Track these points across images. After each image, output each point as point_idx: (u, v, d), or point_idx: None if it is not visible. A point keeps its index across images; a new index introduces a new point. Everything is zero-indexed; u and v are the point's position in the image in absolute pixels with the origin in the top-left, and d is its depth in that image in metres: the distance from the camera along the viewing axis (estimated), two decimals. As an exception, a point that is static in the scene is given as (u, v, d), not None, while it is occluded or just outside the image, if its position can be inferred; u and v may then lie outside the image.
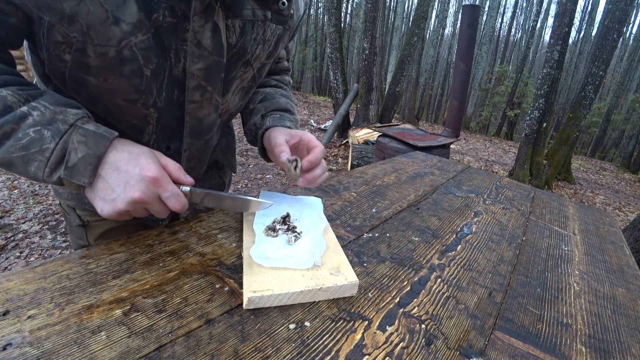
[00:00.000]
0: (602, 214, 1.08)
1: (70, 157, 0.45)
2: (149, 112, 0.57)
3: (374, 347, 0.41)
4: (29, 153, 0.45)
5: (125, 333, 0.37)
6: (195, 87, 0.56)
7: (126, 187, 0.47)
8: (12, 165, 0.46)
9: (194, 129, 0.62)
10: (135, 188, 0.47)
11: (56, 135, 0.45)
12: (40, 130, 0.45)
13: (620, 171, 10.93)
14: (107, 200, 0.47)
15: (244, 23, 0.57)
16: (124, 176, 0.47)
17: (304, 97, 13.84)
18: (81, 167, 0.46)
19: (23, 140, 0.44)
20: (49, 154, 0.45)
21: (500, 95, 16.39)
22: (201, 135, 0.64)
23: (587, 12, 21.08)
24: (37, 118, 0.46)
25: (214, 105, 0.61)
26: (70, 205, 0.71)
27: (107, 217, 0.48)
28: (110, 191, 0.47)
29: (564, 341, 0.49)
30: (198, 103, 0.58)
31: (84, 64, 0.50)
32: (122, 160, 0.48)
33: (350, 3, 21.12)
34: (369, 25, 6.29)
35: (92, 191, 0.48)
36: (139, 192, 0.47)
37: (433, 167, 1.24)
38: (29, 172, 0.46)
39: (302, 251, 0.53)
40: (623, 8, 5.78)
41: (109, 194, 0.47)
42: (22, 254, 2.32)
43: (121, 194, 0.47)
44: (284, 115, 0.74)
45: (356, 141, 5.40)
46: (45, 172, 0.46)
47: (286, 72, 0.88)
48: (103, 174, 0.48)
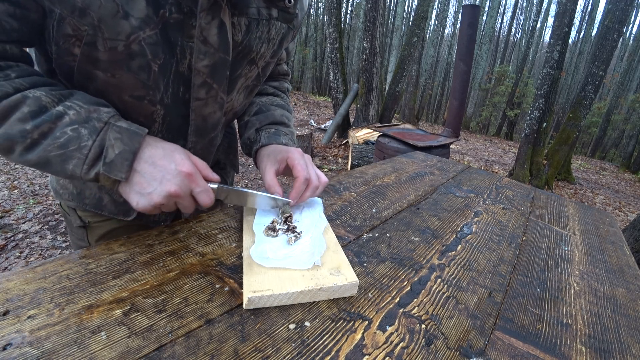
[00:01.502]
0: (602, 214, 1.08)
1: (107, 153, 0.47)
2: (155, 110, 0.57)
3: (374, 347, 0.41)
4: (67, 151, 0.46)
5: (125, 333, 0.37)
6: (201, 85, 0.56)
7: (162, 181, 0.49)
8: (48, 164, 0.47)
9: (198, 127, 0.62)
10: (172, 182, 0.49)
11: (93, 133, 0.47)
12: (77, 129, 0.46)
13: (620, 171, 10.93)
14: (143, 194, 0.49)
15: (250, 21, 0.57)
16: (160, 171, 0.49)
17: (304, 97, 13.83)
18: (118, 162, 0.47)
19: (61, 138, 0.46)
20: (87, 151, 0.46)
21: (500, 95, 16.39)
22: (206, 134, 0.64)
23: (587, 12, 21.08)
24: (74, 117, 0.47)
25: (219, 103, 0.61)
26: (71, 206, 0.71)
27: (142, 210, 0.49)
28: (147, 185, 0.49)
29: (564, 341, 0.49)
30: (203, 100, 0.58)
31: (94, 58, 0.50)
32: (157, 155, 0.50)
33: (350, 3, 21.12)
34: (369, 25, 6.29)
35: (128, 186, 0.49)
36: (175, 186, 0.49)
37: (433, 167, 1.24)
38: (66, 170, 0.47)
39: (302, 251, 0.53)
40: (623, 8, 5.78)
41: (145, 188, 0.49)
42: (22, 254, 2.32)
43: (157, 187, 0.48)
44: (279, 129, 0.74)
45: (356, 141, 5.40)
46: (84, 169, 0.47)
47: (285, 77, 0.88)
48: (139, 169, 0.49)
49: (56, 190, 0.72)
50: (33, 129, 0.45)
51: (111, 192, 0.67)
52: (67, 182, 0.69)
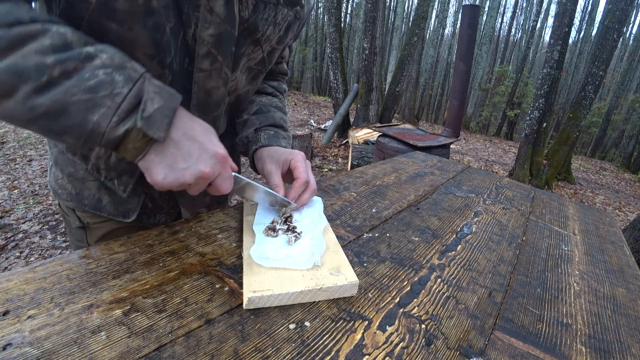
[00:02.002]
0: (602, 214, 1.08)
1: (146, 106, 0.42)
2: (163, 73, 0.54)
3: (374, 347, 0.41)
4: (96, 97, 0.39)
5: (125, 333, 0.37)
6: (205, 55, 0.54)
7: (199, 158, 0.46)
8: (64, 113, 0.39)
9: (201, 102, 0.59)
10: (207, 163, 0.46)
11: (129, 81, 0.41)
12: (111, 73, 0.40)
13: (620, 171, 10.93)
14: (174, 168, 0.45)
15: (257, 2, 0.57)
16: (199, 148, 0.46)
17: (304, 97, 13.83)
18: (158, 118, 0.42)
19: (90, 81, 0.39)
20: (120, 100, 0.40)
21: (500, 95, 16.39)
22: (209, 111, 0.61)
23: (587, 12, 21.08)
24: (107, 60, 0.41)
25: (224, 79, 0.59)
26: (70, 206, 0.70)
27: (166, 186, 0.45)
28: (181, 160, 0.45)
29: (564, 341, 0.49)
30: (207, 72, 0.56)
31: (110, 8, 0.45)
32: (196, 130, 0.47)
33: (350, 3, 21.12)
34: (369, 25, 6.29)
35: (158, 155, 0.44)
36: (209, 168, 0.46)
37: (433, 167, 1.24)
38: (88, 122, 0.40)
39: (302, 251, 0.53)
40: (623, 8, 5.78)
41: (178, 162, 0.45)
42: (22, 254, 2.32)
43: (192, 165, 0.45)
44: (278, 132, 0.74)
45: (356, 141, 5.40)
46: (112, 121, 0.40)
47: (284, 77, 0.88)
48: (176, 138, 0.45)
49: (55, 190, 0.70)
50: (55, 64, 0.38)
51: (112, 189, 0.66)
52: (66, 181, 0.67)
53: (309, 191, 0.65)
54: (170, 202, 0.74)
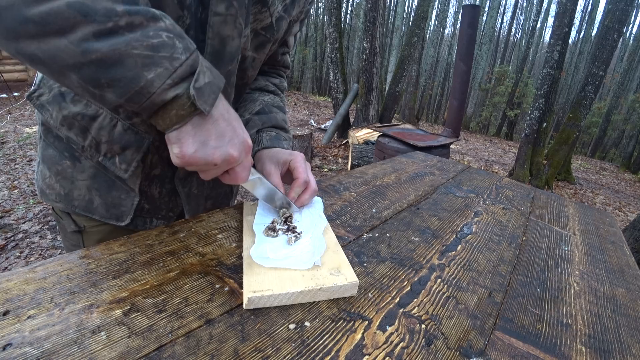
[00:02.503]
0: (602, 214, 1.08)
1: (199, 77, 0.42)
2: (182, 15, 0.52)
3: (374, 347, 0.41)
4: (156, 55, 0.39)
5: (125, 333, 0.37)
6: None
7: (231, 141, 0.47)
8: (119, 63, 0.38)
9: (215, 50, 0.57)
10: (237, 147, 0.47)
11: (187, 50, 0.42)
12: (173, 39, 0.41)
13: (620, 171, 10.93)
14: (207, 145, 0.45)
15: None
16: (232, 131, 0.47)
17: (304, 97, 13.83)
18: (207, 92, 0.43)
19: (154, 39, 0.39)
20: (177, 65, 0.40)
21: (500, 96, 16.39)
22: (222, 62, 0.59)
23: (587, 12, 21.08)
24: (170, 26, 0.41)
25: (238, 29, 0.57)
26: (60, 208, 0.66)
27: (192, 161, 0.45)
28: (215, 138, 0.46)
29: (564, 341, 0.49)
30: (222, 17, 0.54)
31: None
32: (232, 114, 0.48)
33: (351, 3, 21.12)
34: (369, 26, 6.30)
35: (195, 128, 0.44)
36: (237, 152, 0.47)
37: (433, 167, 1.24)
38: (140, 79, 0.39)
39: (302, 251, 0.53)
40: (623, 8, 5.78)
41: (211, 140, 0.45)
42: (22, 254, 2.32)
43: (224, 146, 0.46)
44: (279, 133, 0.74)
45: (356, 141, 5.40)
46: (166, 83, 0.40)
47: (286, 70, 0.88)
48: (215, 116, 0.45)
49: (42, 190, 0.66)
50: (124, 13, 0.37)
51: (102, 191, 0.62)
52: (54, 181, 0.64)
53: (309, 191, 0.65)
54: (170, 204, 0.71)
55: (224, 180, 0.53)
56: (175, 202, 0.72)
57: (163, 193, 0.69)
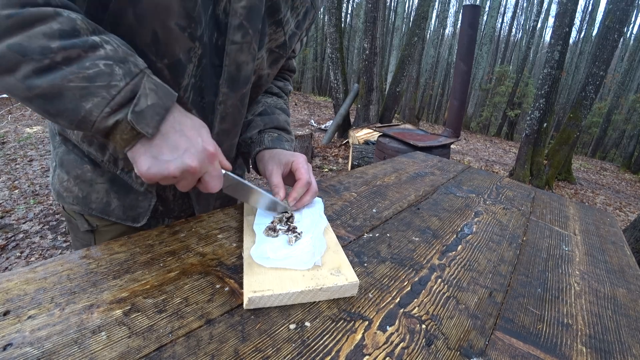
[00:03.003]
0: (602, 214, 1.08)
1: (139, 101, 0.43)
2: (194, 46, 0.53)
3: (375, 347, 0.41)
4: (91, 86, 0.40)
5: (126, 333, 0.37)
6: (238, 26, 0.55)
7: (185, 153, 0.46)
8: (59, 97, 0.40)
9: (231, 76, 0.59)
10: (195, 157, 0.47)
11: (127, 75, 0.42)
12: (112, 66, 0.41)
13: (620, 171, 10.92)
14: (159, 159, 0.46)
15: None
16: (186, 142, 0.47)
17: (304, 97, 13.84)
18: (149, 115, 0.43)
19: (90, 70, 0.40)
20: (115, 92, 0.41)
21: (500, 96, 16.39)
22: (237, 87, 0.61)
23: (587, 12, 21.07)
24: (110, 52, 0.42)
25: (252, 54, 0.59)
26: (76, 210, 0.67)
27: (150, 177, 0.46)
28: (167, 152, 0.46)
29: (565, 341, 0.49)
30: (239, 45, 0.56)
31: None
32: (186, 125, 0.48)
33: (351, 3, 21.13)
34: (370, 26, 6.29)
35: (144, 146, 0.45)
36: (196, 162, 0.47)
37: (433, 167, 1.24)
38: (80, 109, 0.41)
39: (303, 251, 0.53)
40: (624, 8, 5.77)
41: (164, 154, 0.46)
42: (22, 254, 2.32)
43: (178, 158, 0.46)
44: (282, 135, 0.74)
45: (356, 141, 5.40)
46: (104, 111, 0.41)
47: (291, 75, 0.88)
48: (164, 131, 0.46)
49: (59, 193, 0.67)
50: (59, 49, 0.39)
51: (128, 183, 0.64)
52: (72, 184, 0.65)
53: (310, 192, 0.65)
54: (183, 206, 0.72)
55: (200, 189, 0.53)
56: (187, 203, 0.73)
57: (177, 196, 0.71)
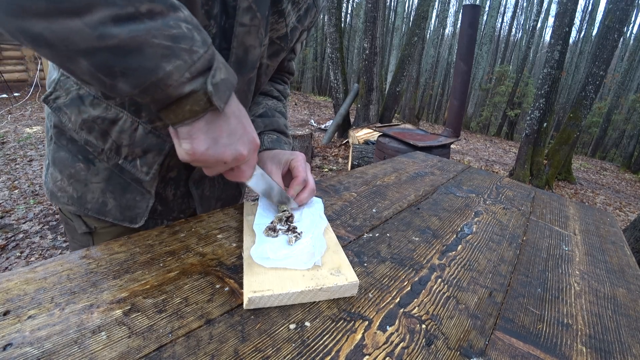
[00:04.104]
0: (602, 214, 1.08)
1: (216, 73, 0.41)
2: (209, 24, 0.52)
3: (375, 347, 0.41)
4: (175, 47, 0.37)
5: (126, 333, 0.37)
6: (247, 9, 0.54)
7: (241, 139, 0.47)
8: (139, 51, 0.36)
9: (239, 59, 0.58)
10: (246, 146, 0.48)
11: (205, 43, 0.40)
12: (192, 30, 0.39)
13: (620, 171, 10.92)
14: (218, 142, 0.45)
15: None
16: (242, 129, 0.48)
17: (304, 97, 13.84)
18: (222, 88, 0.42)
19: (174, 29, 0.37)
20: (196, 58, 0.39)
21: (500, 95, 16.39)
22: (245, 70, 0.61)
23: (587, 12, 21.07)
24: (188, 17, 0.40)
25: (259, 39, 0.59)
26: (71, 211, 0.65)
27: (202, 159, 0.45)
28: (226, 135, 0.46)
29: (565, 341, 0.49)
30: (247, 27, 0.55)
31: None
32: (242, 112, 0.48)
33: (351, 3, 21.13)
34: (369, 25, 6.29)
35: (207, 124, 0.44)
36: (246, 150, 0.48)
37: (433, 167, 1.24)
38: (158, 70, 0.37)
39: (303, 251, 0.53)
40: (624, 8, 5.77)
41: (223, 137, 0.46)
42: (22, 254, 2.32)
43: (234, 143, 0.46)
44: (280, 137, 0.75)
45: (356, 141, 5.40)
46: (185, 76, 0.39)
47: (290, 78, 0.89)
48: (228, 113, 0.45)
49: (53, 192, 0.65)
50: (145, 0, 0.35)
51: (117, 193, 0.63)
52: (66, 184, 0.63)
53: (308, 190, 0.65)
54: (182, 206, 0.72)
55: (228, 176, 0.54)
56: (187, 203, 0.73)
57: (177, 195, 0.70)
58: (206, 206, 0.75)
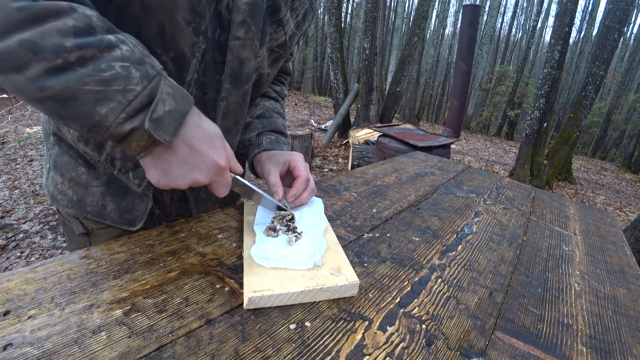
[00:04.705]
0: (602, 214, 1.08)
1: (157, 107, 0.41)
2: (198, 41, 0.53)
3: (375, 348, 0.41)
4: (107, 90, 0.38)
5: (126, 333, 0.37)
6: (241, 23, 0.55)
7: (194, 169, 0.46)
8: (72, 100, 0.38)
9: (234, 72, 0.59)
10: (204, 173, 0.46)
11: (144, 78, 0.40)
12: (128, 68, 0.39)
13: (621, 171, 10.92)
14: (169, 174, 0.46)
15: None
16: (196, 157, 0.45)
17: (304, 97, 13.84)
18: (166, 121, 0.41)
19: (105, 73, 0.38)
20: (132, 97, 0.39)
21: (500, 95, 16.38)
22: (239, 84, 0.62)
23: (587, 12, 21.07)
24: (126, 53, 0.40)
25: (254, 51, 0.60)
26: (70, 213, 0.66)
27: (159, 187, 0.47)
28: (176, 167, 0.45)
29: (565, 341, 0.49)
30: (241, 41, 0.57)
31: None
32: (198, 138, 0.45)
33: (351, 3, 21.13)
34: (370, 25, 6.29)
35: (155, 159, 0.45)
36: (205, 178, 0.47)
37: (433, 167, 1.24)
38: (94, 114, 0.38)
39: (303, 251, 0.53)
40: (624, 8, 5.77)
41: (173, 169, 0.45)
42: (22, 254, 2.32)
43: (187, 173, 0.45)
44: (279, 138, 0.75)
45: (357, 141, 5.40)
46: (120, 117, 0.39)
47: (287, 78, 0.89)
48: (175, 145, 0.44)
49: (53, 195, 0.66)
50: (73, 48, 0.36)
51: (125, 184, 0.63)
52: (67, 187, 0.64)
53: (309, 190, 0.65)
54: (180, 209, 0.72)
55: (210, 191, 0.53)
56: (184, 207, 0.73)
57: (174, 199, 0.71)
58: (202, 208, 0.75)
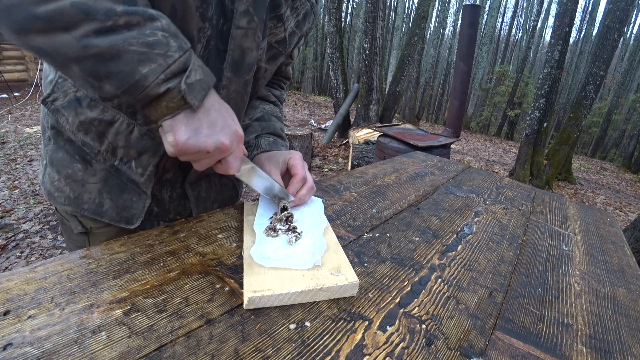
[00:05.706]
0: (602, 214, 1.08)
1: (191, 74, 0.46)
2: (204, 27, 0.55)
3: (375, 347, 0.41)
4: (151, 52, 0.42)
5: (126, 333, 0.37)
6: (244, 12, 0.56)
7: (222, 130, 0.50)
8: (117, 58, 0.41)
9: (235, 61, 0.61)
10: (228, 136, 0.50)
11: (180, 49, 0.45)
12: (168, 37, 0.44)
13: (620, 171, 10.92)
14: (199, 133, 0.48)
15: None
16: (223, 120, 0.50)
17: (304, 97, 13.84)
18: (197, 88, 0.46)
19: (150, 37, 0.42)
20: (171, 62, 0.44)
21: (500, 95, 16.38)
22: (241, 72, 0.63)
23: (587, 12, 21.07)
24: (165, 25, 0.44)
25: (256, 42, 0.61)
26: (67, 211, 0.66)
27: (184, 149, 0.48)
28: (206, 126, 0.48)
29: (565, 341, 0.49)
30: (244, 30, 0.58)
31: None
32: (223, 107, 0.51)
33: (351, 3, 21.13)
34: (370, 25, 6.29)
35: (187, 117, 0.47)
36: (229, 140, 0.50)
37: (433, 167, 1.24)
38: (136, 72, 0.42)
39: (303, 251, 0.53)
40: (624, 8, 5.77)
41: (203, 128, 0.48)
42: (22, 253, 2.32)
43: (216, 134, 0.49)
44: (277, 140, 0.77)
45: (357, 141, 5.40)
46: (159, 78, 0.43)
47: (286, 83, 0.90)
48: (207, 106, 0.49)
49: (50, 192, 0.66)
50: (122, 13, 0.41)
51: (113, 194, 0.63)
52: (63, 184, 0.64)
53: (307, 187, 0.66)
54: (178, 207, 0.72)
55: (217, 170, 0.55)
56: (183, 205, 0.73)
57: (173, 197, 0.71)
58: (202, 208, 0.75)
